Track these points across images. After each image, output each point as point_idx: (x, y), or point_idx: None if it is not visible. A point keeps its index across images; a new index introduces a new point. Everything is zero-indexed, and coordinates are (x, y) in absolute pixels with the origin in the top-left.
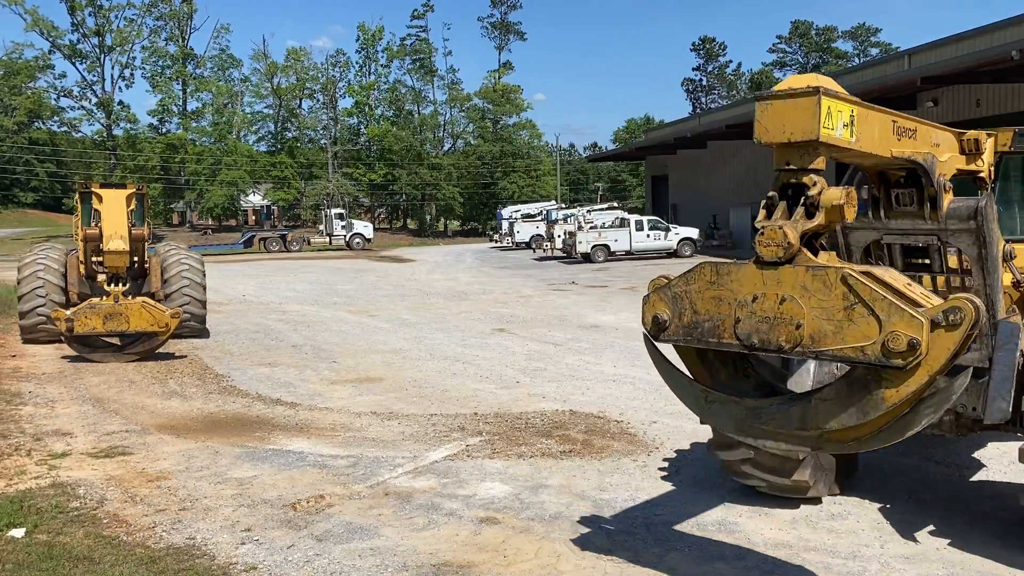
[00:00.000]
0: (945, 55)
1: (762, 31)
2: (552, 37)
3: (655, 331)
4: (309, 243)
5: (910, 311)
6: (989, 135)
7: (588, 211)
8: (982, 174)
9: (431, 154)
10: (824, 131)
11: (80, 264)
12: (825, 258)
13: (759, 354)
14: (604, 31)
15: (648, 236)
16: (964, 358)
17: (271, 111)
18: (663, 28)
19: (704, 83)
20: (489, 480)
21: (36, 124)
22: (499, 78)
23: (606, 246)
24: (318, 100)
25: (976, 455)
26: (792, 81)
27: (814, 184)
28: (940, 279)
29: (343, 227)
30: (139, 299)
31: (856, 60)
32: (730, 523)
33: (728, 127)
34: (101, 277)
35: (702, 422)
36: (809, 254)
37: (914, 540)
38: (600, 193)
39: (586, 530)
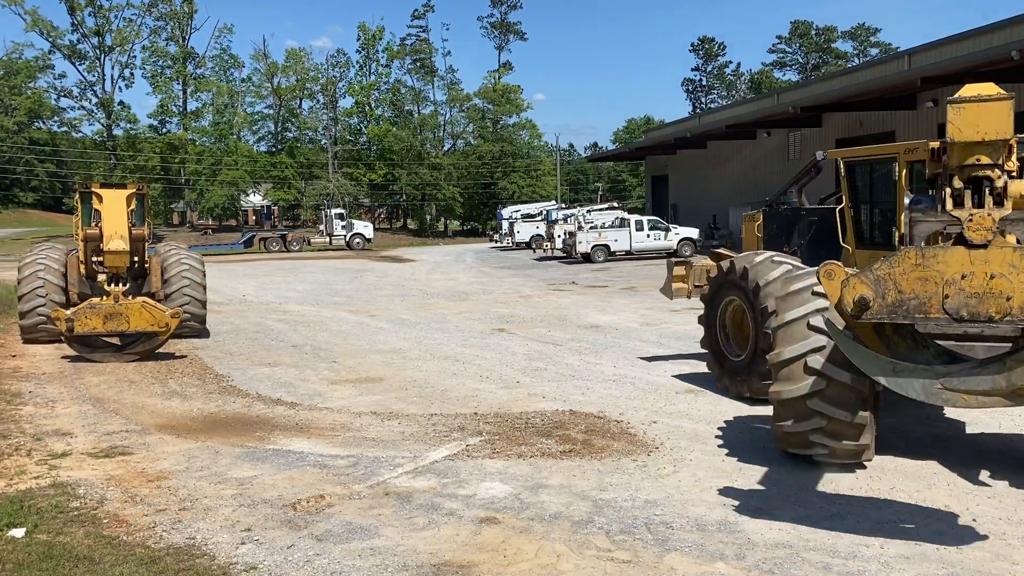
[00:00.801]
0: (945, 55)
1: (762, 31)
2: (552, 37)
3: (857, 311)
4: (309, 243)
5: None
6: None
7: (588, 211)
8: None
9: (431, 154)
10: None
11: (80, 264)
12: (1013, 240)
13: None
14: (604, 31)
15: (648, 236)
16: None
17: (271, 111)
18: (663, 28)
19: (704, 83)
20: (489, 480)
21: (36, 124)
22: (499, 78)
23: (606, 246)
24: (318, 100)
25: (976, 455)
26: (981, 88)
27: (999, 177)
28: None
29: (343, 227)
30: (139, 299)
31: (856, 60)
32: (730, 523)
33: (728, 127)
34: (101, 277)
35: (887, 390)
36: (1002, 237)
37: (914, 540)
38: (600, 193)
39: (586, 530)
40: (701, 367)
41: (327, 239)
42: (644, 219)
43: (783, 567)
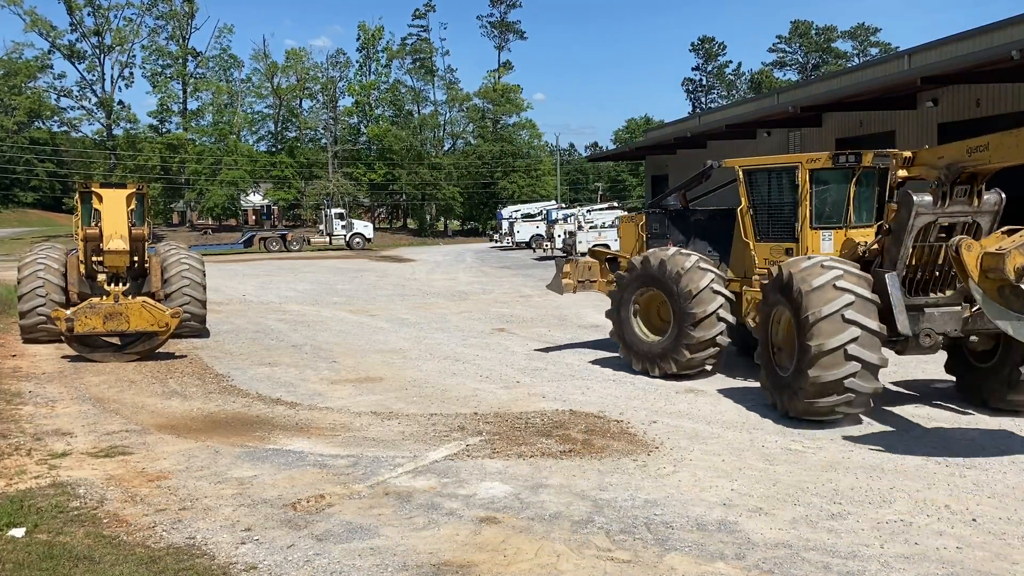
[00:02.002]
0: (945, 55)
1: (762, 31)
2: (552, 37)
3: (1019, 277)
4: (309, 243)
5: None
6: None
7: (588, 211)
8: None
9: (431, 154)
10: None
11: (80, 264)
12: None
13: None
14: (604, 31)
15: None
16: None
17: (271, 111)
18: (663, 28)
19: (704, 83)
20: (489, 480)
21: (36, 124)
22: (499, 78)
23: (606, 245)
24: (318, 100)
25: (977, 455)
26: None
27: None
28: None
29: (343, 227)
30: (139, 299)
31: (856, 60)
32: (730, 523)
33: (728, 127)
34: (101, 277)
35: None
36: None
37: (914, 540)
38: (600, 193)
39: (586, 530)
40: None
41: (327, 239)
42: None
43: (783, 567)
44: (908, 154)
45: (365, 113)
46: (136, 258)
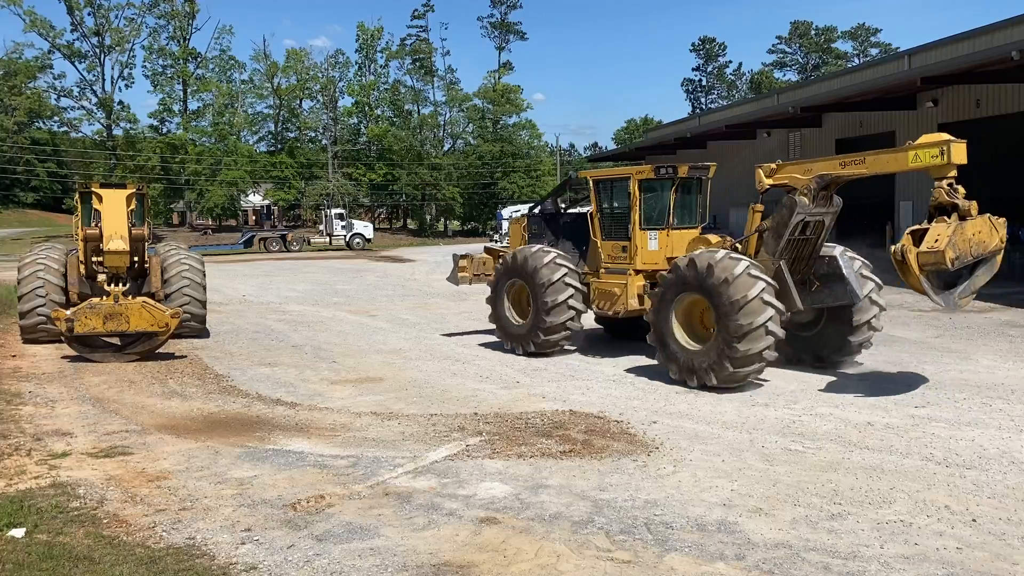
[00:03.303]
0: (945, 55)
1: (762, 31)
2: (552, 37)
3: (952, 264)
4: (309, 243)
5: None
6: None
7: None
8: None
9: (431, 154)
10: None
11: (80, 264)
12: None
13: None
14: (604, 31)
15: None
16: None
17: (271, 111)
18: (663, 28)
19: (704, 83)
20: (489, 480)
21: (36, 124)
22: (499, 78)
23: None
24: (318, 100)
25: (977, 455)
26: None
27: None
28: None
29: (343, 227)
30: (139, 299)
31: (856, 60)
32: (730, 523)
33: (728, 127)
34: (101, 277)
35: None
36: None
37: (914, 540)
38: None
39: (586, 530)
40: None
41: (327, 239)
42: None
43: (783, 567)
44: (773, 166)
45: (365, 113)
46: (136, 258)
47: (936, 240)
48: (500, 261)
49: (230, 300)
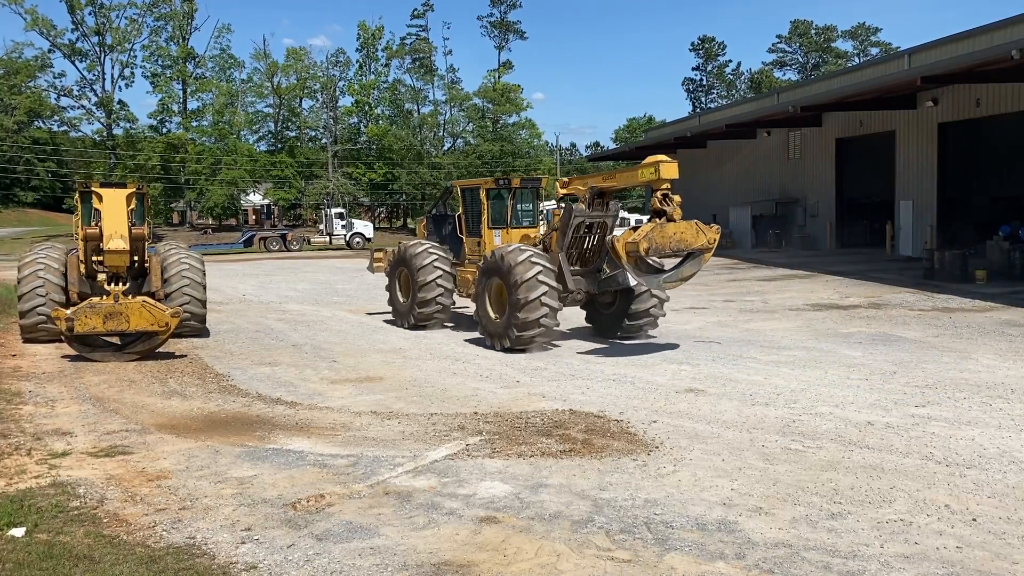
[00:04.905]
0: (945, 54)
1: (762, 31)
2: (552, 37)
3: (647, 253)
4: (309, 242)
5: None
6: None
7: None
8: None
9: (431, 153)
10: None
11: (80, 263)
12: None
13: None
14: (604, 31)
15: None
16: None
17: (271, 110)
18: (663, 28)
19: (704, 83)
20: (489, 479)
21: (36, 123)
22: (499, 77)
23: None
24: (318, 99)
25: (977, 454)
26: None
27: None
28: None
29: (343, 226)
30: (139, 298)
31: (856, 60)
32: (730, 523)
33: (728, 127)
34: (101, 276)
35: (645, 287)
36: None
37: (914, 540)
38: None
39: (586, 529)
40: (702, 366)
41: (327, 238)
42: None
43: (783, 567)
44: (565, 180)
45: (365, 113)
46: (136, 258)
47: (638, 235)
48: (393, 254)
49: (230, 299)
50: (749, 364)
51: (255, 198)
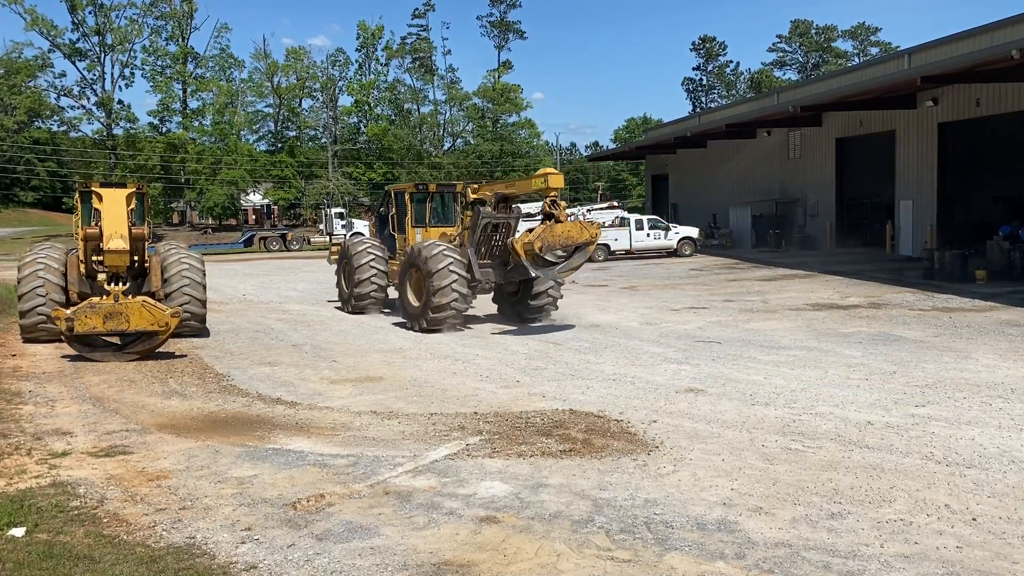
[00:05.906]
0: (945, 55)
1: (762, 31)
2: (552, 36)
3: (540, 250)
4: (309, 242)
5: None
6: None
7: (588, 210)
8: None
9: (431, 153)
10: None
11: (80, 263)
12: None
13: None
14: (604, 30)
15: (648, 235)
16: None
17: (271, 110)
18: (663, 28)
19: (704, 83)
20: (489, 479)
21: (36, 123)
22: (498, 77)
23: (606, 245)
24: (318, 99)
25: (977, 454)
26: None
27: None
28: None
29: (343, 226)
30: (139, 298)
31: (856, 59)
32: (730, 523)
33: (728, 126)
34: (101, 276)
35: (541, 277)
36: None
37: (914, 540)
38: (600, 192)
39: (586, 529)
40: (702, 366)
41: (327, 238)
42: (644, 218)
43: (783, 567)
44: (476, 186)
45: (365, 112)
46: (136, 258)
47: (531, 235)
48: (339, 248)
49: (230, 299)
50: (749, 364)
51: (255, 198)
